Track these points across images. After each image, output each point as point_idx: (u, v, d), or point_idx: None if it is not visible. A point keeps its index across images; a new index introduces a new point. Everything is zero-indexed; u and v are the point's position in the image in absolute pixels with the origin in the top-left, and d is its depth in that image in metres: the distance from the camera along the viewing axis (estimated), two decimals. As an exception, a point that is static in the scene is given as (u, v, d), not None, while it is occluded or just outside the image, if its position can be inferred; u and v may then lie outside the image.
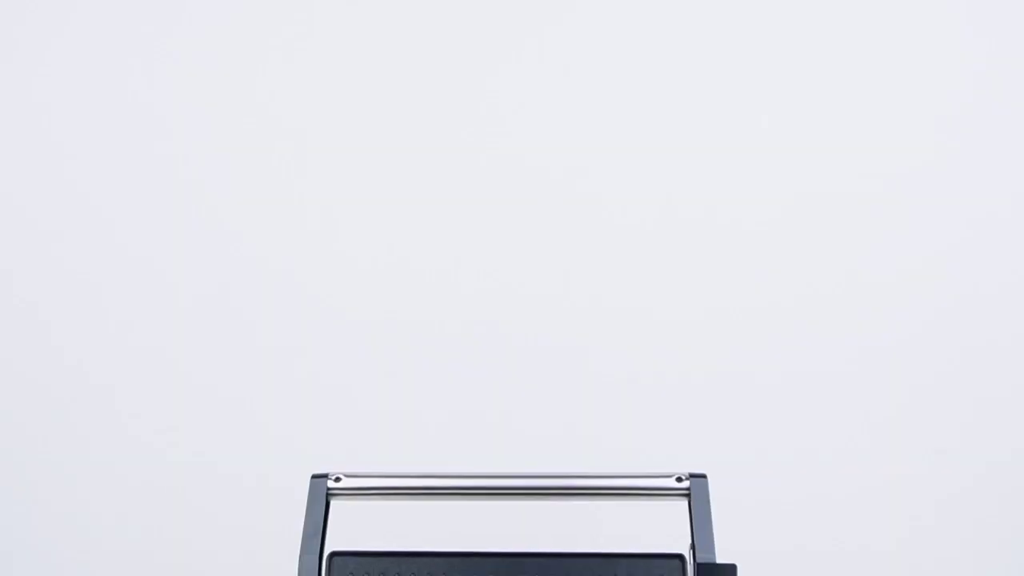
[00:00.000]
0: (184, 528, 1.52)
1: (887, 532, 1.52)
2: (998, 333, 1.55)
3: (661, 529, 1.15)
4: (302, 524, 1.07)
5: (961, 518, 1.52)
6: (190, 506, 1.53)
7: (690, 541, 1.06)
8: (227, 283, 1.59)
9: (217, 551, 1.51)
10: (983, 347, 1.55)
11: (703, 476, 1.10)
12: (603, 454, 1.51)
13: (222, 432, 1.55)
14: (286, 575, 1.07)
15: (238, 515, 1.52)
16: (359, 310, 1.57)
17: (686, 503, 1.08)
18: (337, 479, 1.10)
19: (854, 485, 1.53)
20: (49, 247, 1.59)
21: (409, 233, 1.59)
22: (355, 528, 1.14)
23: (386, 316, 1.57)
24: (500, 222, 1.59)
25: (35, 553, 1.53)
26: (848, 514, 1.52)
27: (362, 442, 1.52)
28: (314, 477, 1.10)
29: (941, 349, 1.56)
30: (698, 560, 1.04)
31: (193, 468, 1.54)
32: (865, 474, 1.53)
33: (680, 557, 1.06)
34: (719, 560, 1.04)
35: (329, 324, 1.57)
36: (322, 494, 1.09)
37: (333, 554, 1.06)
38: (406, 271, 1.58)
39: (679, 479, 1.10)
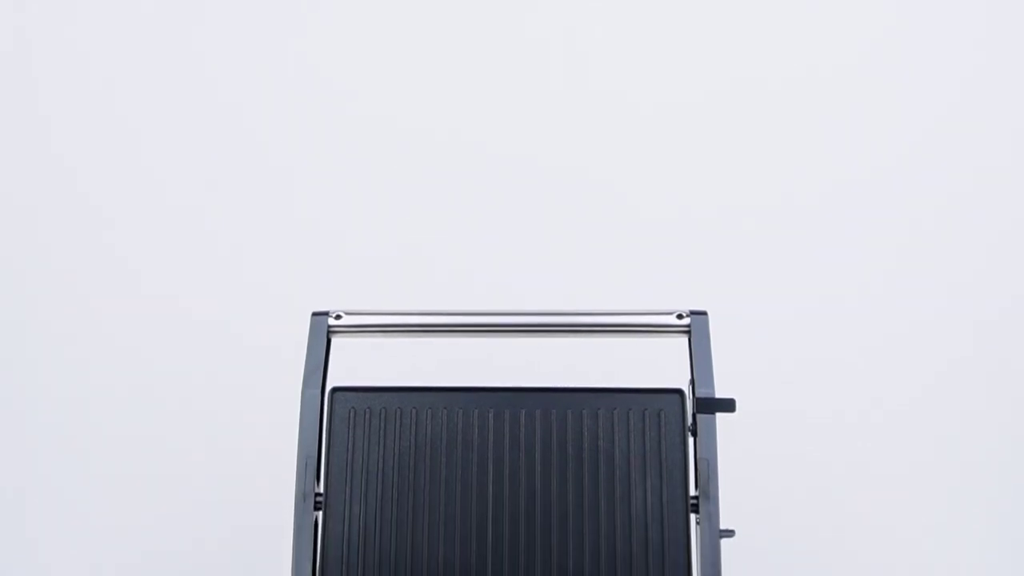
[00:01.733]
0: (184, 368, 1.53)
1: (892, 372, 1.53)
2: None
3: (662, 367, 1.16)
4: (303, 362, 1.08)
5: (977, 366, 1.53)
6: (190, 346, 1.53)
7: (690, 377, 1.07)
8: (225, 117, 1.56)
9: (219, 389, 1.52)
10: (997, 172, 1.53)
11: (704, 313, 1.10)
12: (605, 292, 1.50)
13: (223, 272, 1.54)
14: (289, 411, 1.08)
15: (240, 354, 1.53)
16: (356, 143, 1.55)
17: (686, 340, 1.09)
18: (337, 316, 1.11)
19: (859, 324, 1.53)
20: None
21: (404, 63, 1.56)
22: (356, 368, 1.14)
23: (382, 150, 1.55)
24: (498, 49, 1.56)
25: (38, 400, 1.55)
26: (851, 351, 1.53)
27: (361, 281, 1.52)
28: (314, 315, 1.11)
29: (951, 181, 1.54)
30: (697, 395, 1.05)
31: (192, 308, 1.54)
32: (871, 309, 1.53)
33: (679, 391, 1.07)
34: (718, 395, 1.05)
35: (326, 158, 1.55)
36: (323, 331, 1.09)
37: (335, 389, 1.07)
38: (402, 101, 1.55)
39: (680, 316, 1.10)
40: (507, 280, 1.51)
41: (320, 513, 1.04)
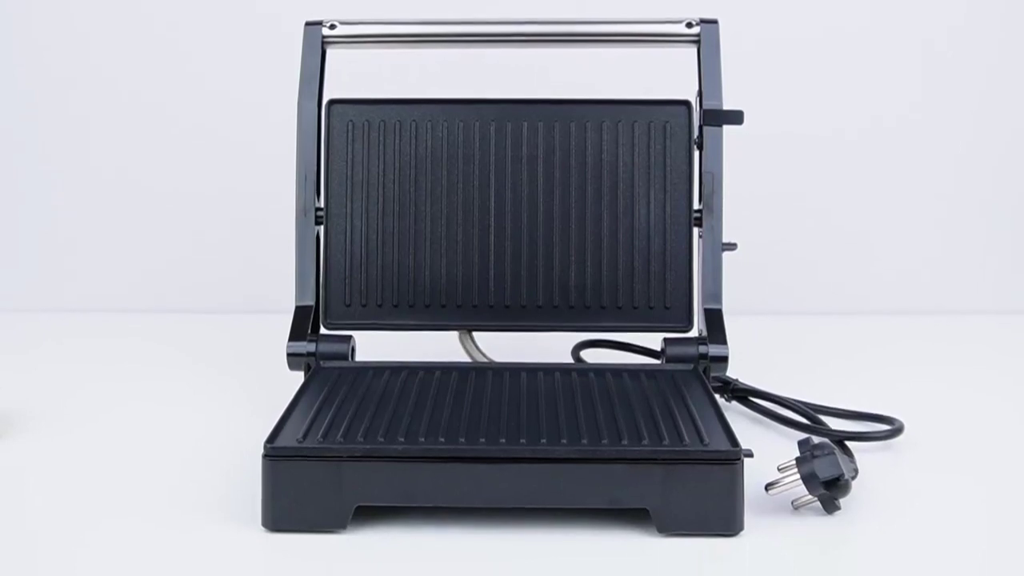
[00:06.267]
0: (179, 85, 1.50)
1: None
2: None
3: (667, 82, 1.12)
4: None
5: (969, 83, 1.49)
6: (185, 57, 1.50)
7: (698, 89, 1.04)
8: None
9: (213, 107, 1.50)
10: None
11: (714, 22, 1.05)
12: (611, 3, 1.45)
13: None
14: (286, 123, 1.06)
15: (234, 64, 1.49)
16: None
17: (695, 51, 1.05)
18: (332, 26, 1.06)
19: (864, 41, 1.48)
20: None
21: None
22: (354, 83, 1.11)
23: None
24: None
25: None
26: (855, 68, 1.49)
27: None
28: (307, 24, 1.07)
29: None
30: (705, 106, 1.02)
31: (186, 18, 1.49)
32: (876, 25, 1.48)
33: (686, 103, 1.04)
34: (726, 107, 1.02)
35: None
36: (317, 41, 1.06)
37: (332, 102, 1.04)
38: None
39: (689, 24, 1.05)
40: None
41: (321, 227, 1.03)
